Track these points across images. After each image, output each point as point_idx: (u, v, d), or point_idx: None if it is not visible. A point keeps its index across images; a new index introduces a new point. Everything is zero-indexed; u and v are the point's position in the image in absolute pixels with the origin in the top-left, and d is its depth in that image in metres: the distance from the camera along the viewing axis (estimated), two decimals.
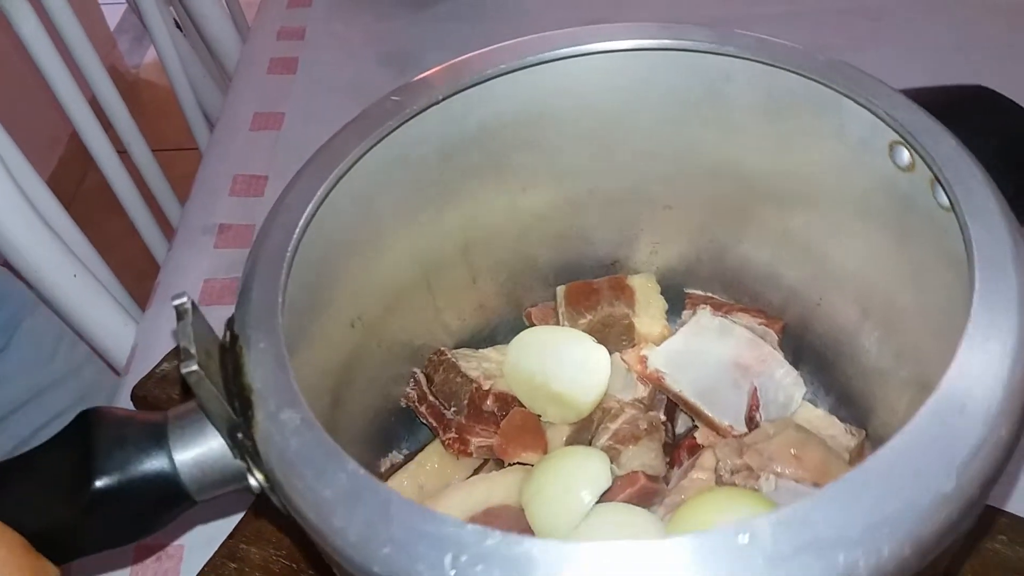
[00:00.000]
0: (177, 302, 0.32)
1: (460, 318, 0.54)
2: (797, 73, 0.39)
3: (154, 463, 0.33)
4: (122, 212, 0.95)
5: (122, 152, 0.93)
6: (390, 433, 0.52)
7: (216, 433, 0.33)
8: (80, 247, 0.76)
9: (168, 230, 0.98)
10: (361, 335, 0.47)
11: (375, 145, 0.40)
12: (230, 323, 0.35)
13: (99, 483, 0.33)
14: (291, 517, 0.33)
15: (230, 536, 0.50)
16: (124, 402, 0.59)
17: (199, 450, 0.34)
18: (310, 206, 0.38)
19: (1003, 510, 0.49)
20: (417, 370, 0.52)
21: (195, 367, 0.30)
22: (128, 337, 0.71)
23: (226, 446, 0.33)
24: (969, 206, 0.32)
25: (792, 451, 0.46)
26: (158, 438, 0.34)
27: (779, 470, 0.46)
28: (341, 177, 0.39)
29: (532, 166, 0.48)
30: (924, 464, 0.27)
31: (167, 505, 0.34)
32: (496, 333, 0.56)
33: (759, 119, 0.43)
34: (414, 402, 0.52)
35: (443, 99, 0.42)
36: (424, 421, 0.51)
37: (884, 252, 0.42)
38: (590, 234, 0.53)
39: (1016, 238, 0.32)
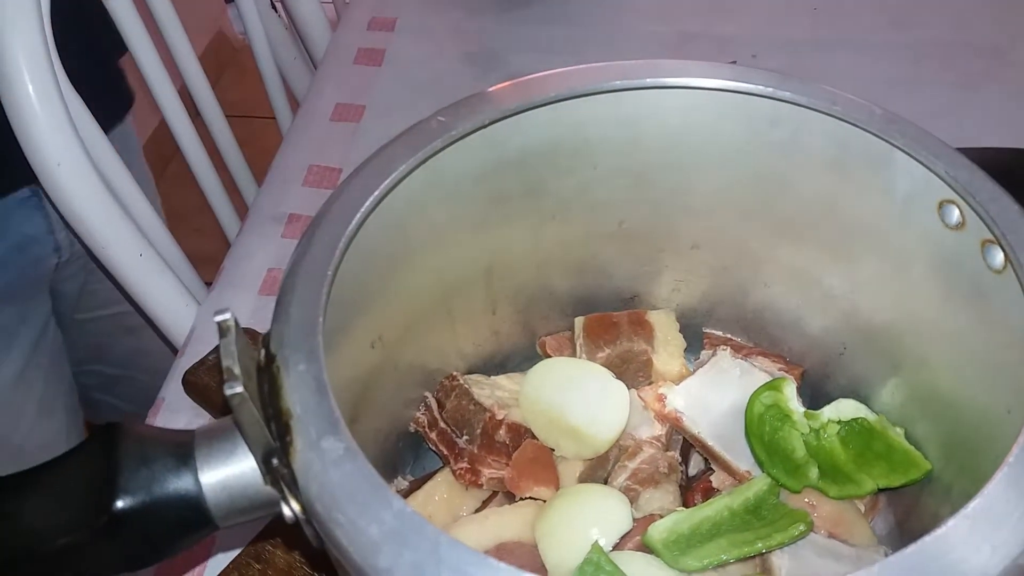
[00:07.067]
0: (220, 318, 0.31)
1: (475, 343, 0.53)
2: (850, 123, 0.39)
3: (180, 484, 0.32)
4: (199, 190, 0.89)
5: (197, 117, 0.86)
6: (397, 458, 0.51)
7: (247, 455, 0.32)
8: (151, 225, 0.72)
9: (243, 209, 0.91)
10: (380, 356, 0.45)
11: (418, 167, 0.39)
12: (266, 341, 0.33)
13: (120, 503, 0.31)
14: (324, 550, 0.32)
15: (258, 536, 0.48)
16: (176, 384, 0.59)
17: (228, 473, 0.32)
18: (352, 224, 0.37)
19: None
20: (428, 394, 0.51)
21: (239, 388, 0.29)
22: (188, 317, 0.68)
23: (258, 470, 0.32)
24: None
25: (807, 500, 0.46)
26: (185, 458, 0.32)
27: None
28: (383, 198, 0.38)
29: (566, 194, 0.47)
30: None
31: (189, 530, 0.32)
32: (508, 360, 0.55)
33: (804, 166, 0.43)
34: (424, 427, 0.50)
35: (489, 124, 0.41)
36: (433, 448, 0.50)
37: (922, 309, 0.42)
38: (612, 267, 0.52)
39: None
